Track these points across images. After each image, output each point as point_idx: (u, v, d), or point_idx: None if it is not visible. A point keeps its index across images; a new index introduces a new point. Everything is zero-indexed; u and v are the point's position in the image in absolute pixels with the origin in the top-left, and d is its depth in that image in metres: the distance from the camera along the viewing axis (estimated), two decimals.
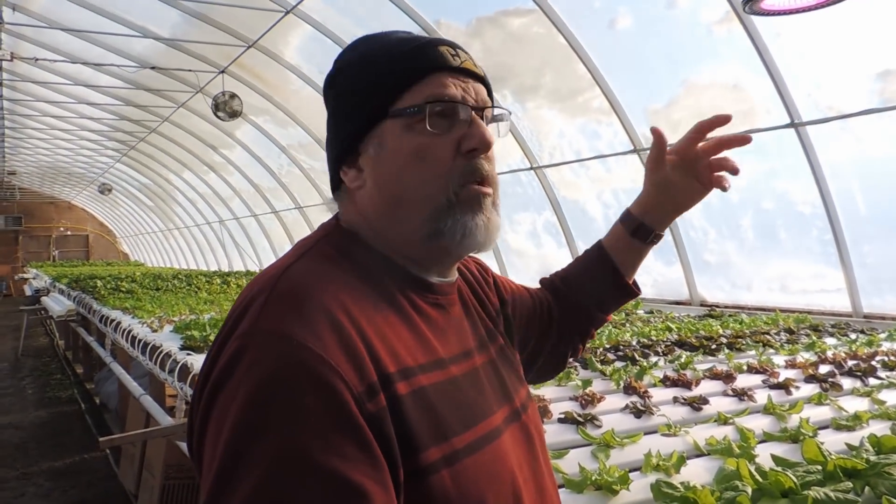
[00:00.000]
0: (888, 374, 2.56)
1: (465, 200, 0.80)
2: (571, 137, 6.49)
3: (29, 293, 13.57)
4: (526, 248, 7.82)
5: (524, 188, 7.14)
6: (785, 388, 2.33)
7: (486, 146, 0.81)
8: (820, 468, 1.40)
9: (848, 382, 2.43)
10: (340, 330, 0.68)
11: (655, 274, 5.80)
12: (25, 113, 13.32)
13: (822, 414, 2.05)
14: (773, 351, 3.09)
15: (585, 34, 5.41)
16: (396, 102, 0.80)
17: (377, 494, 0.62)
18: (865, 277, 4.37)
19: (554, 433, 1.84)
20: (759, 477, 1.35)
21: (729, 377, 2.42)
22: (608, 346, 3.10)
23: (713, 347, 3.08)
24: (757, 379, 2.47)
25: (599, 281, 1.13)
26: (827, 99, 4.36)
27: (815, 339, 3.36)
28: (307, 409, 0.63)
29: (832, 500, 1.25)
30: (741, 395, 2.23)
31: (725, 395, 2.27)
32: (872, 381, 2.47)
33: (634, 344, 3.17)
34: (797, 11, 2.53)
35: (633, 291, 1.15)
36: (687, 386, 2.34)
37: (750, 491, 1.31)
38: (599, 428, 1.88)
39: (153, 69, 9.15)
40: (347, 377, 0.65)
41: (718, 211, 5.48)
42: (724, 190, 1.05)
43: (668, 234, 1.13)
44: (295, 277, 0.74)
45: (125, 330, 4.67)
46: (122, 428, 5.27)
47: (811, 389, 2.34)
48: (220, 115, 8.19)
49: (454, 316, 0.87)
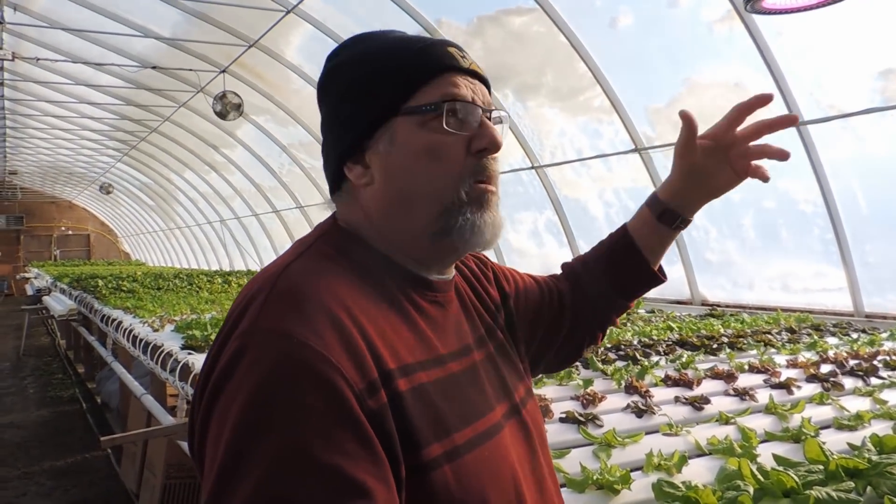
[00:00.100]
0: (890, 373, 2.56)
1: (474, 198, 0.81)
2: (572, 136, 6.48)
3: (30, 293, 13.58)
4: (527, 247, 7.82)
5: (525, 187, 7.14)
6: (786, 387, 2.32)
7: (496, 147, 0.82)
8: (822, 468, 1.40)
9: (849, 382, 2.43)
10: (341, 327, 0.68)
11: None
12: (27, 112, 13.33)
13: (823, 413, 2.05)
14: (774, 350, 3.09)
15: (586, 33, 5.41)
16: (409, 100, 0.80)
17: (379, 491, 0.63)
18: (867, 276, 4.37)
19: (555, 433, 1.84)
20: (760, 477, 1.35)
21: (730, 377, 2.42)
22: (609, 345, 3.10)
23: (714, 347, 3.08)
24: (758, 378, 2.46)
25: (622, 265, 1.08)
26: (828, 98, 4.36)
27: (816, 338, 3.36)
28: (308, 407, 0.63)
29: (834, 499, 1.24)
30: (743, 394, 2.23)
31: (727, 394, 2.27)
32: (874, 380, 2.47)
33: (636, 343, 3.17)
34: (798, 10, 2.52)
35: (657, 278, 1.10)
36: (688, 385, 2.34)
37: (752, 491, 1.31)
38: (601, 427, 1.88)
39: (154, 69, 9.16)
40: (348, 374, 0.65)
41: (720, 210, 5.47)
42: (765, 180, 0.99)
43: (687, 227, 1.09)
44: (294, 276, 0.74)
45: (126, 329, 4.67)
46: (123, 427, 5.27)
47: (813, 389, 2.34)
48: (221, 114, 8.19)
49: (452, 313, 0.87)
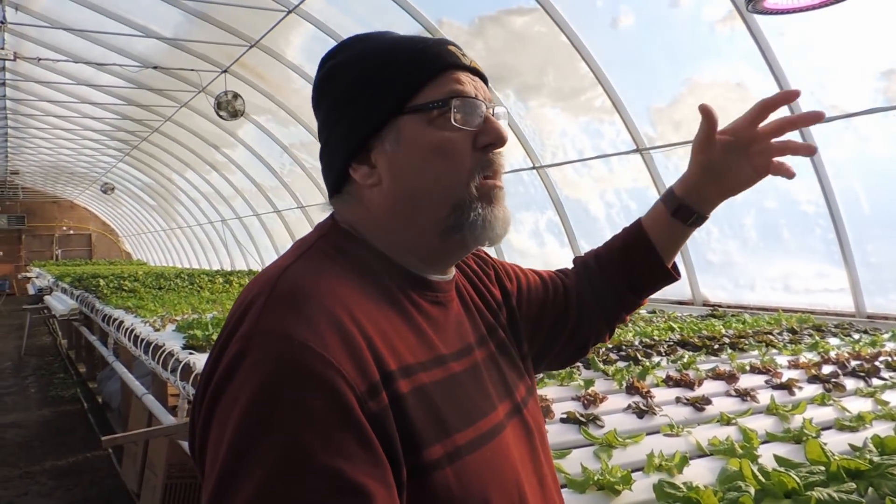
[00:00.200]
0: (891, 374, 2.56)
1: (483, 194, 0.81)
2: (574, 137, 6.48)
3: (32, 292, 13.58)
4: (528, 247, 7.81)
5: (526, 188, 7.14)
6: (788, 388, 2.32)
7: (502, 141, 0.82)
8: (823, 469, 1.40)
9: (851, 383, 2.43)
10: (341, 329, 0.68)
11: None
12: (28, 112, 13.35)
13: (825, 414, 2.04)
14: (776, 351, 3.09)
15: (588, 33, 5.41)
16: (414, 98, 0.80)
17: (379, 494, 0.63)
18: (869, 277, 4.37)
19: (556, 433, 1.84)
20: (761, 477, 1.35)
21: (732, 377, 2.42)
22: (611, 345, 3.10)
23: (716, 347, 3.08)
24: (760, 379, 2.46)
25: (635, 261, 1.06)
26: (830, 98, 4.35)
27: (818, 339, 3.36)
28: (309, 409, 0.62)
29: (835, 500, 1.24)
30: (744, 395, 2.22)
31: (728, 395, 2.27)
32: (876, 381, 2.47)
33: (637, 344, 3.17)
34: (800, 10, 2.52)
35: (671, 275, 1.07)
36: (689, 386, 2.34)
37: (753, 491, 1.30)
38: (602, 428, 1.88)
39: (155, 69, 9.17)
40: (349, 376, 0.65)
41: (721, 210, 5.36)
42: (789, 177, 0.97)
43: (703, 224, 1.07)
44: (294, 277, 0.74)
45: (128, 329, 4.68)
46: (124, 427, 5.28)
47: (814, 390, 2.33)
48: (222, 114, 8.20)
49: (453, 312, 0.87)
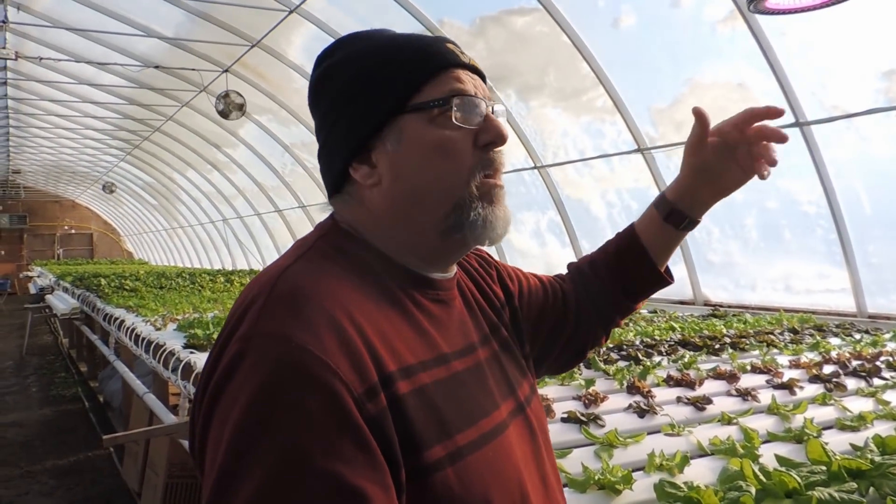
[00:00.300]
0: (893, 374, 2.55)
1: (484, 193, 0.81)
2: (575, 136, 6.48)
3: (33, 291, 13.59)
4: (529, 247, 7.81)
5: (528, 188, 7.14)
6: (789, 388, 2.32)
7: (502, 139, 0.82)
8: (824, 468, 1.40)
9: (852, 383, 2.43)
10: (340, 331, 0.68)
11: None
12: (30, 112, 13.36)
13: (826, 414, 2.04)
14: (777, 351, 3.08)
15: (589, 33, 5.40)
16: (415, 97, 0.80)
17: (378, 497, 0.62)
18: (870, 277, 4.36)
19: (557, 433, 1.84)
20: (762, 477, 1.35)
21: (733, 377, 2.41)
22: (611, 345, 3.10)
23: (717, 347, 3.08)
24: (761, 379, 2.46)
25: (629, 266, 1.07)
26: (832, 98, 4.35)
27: (819, 339, 3.35)
28: (308, 411, 0.62)
29: (836, 500, 1.24)
30: (745, 395, 2.22)
31: (729, 394, 2.26)
32: (877, 381, 2.46)
33: (638, 343, 3.17)
34: (802, 10, 2.51)
35: (664, 279, 1.09)
36: (690, 386, 2.33)
37: (754, 491, 1.30)
38: (603, 427, 1.88)
39: (157, 68, 9.17)
40: (348, 379, 0.65)
41: (722, 210, 5.46)
42: (763, 178, 1.01)
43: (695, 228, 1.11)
44: (293, 278, 0.74)
45: (129, 328, 4.68)
46: (125, 426, 5.28)
47: (815, 389, 2.33)
48: (223, 114, 8.20)
49: (456, 310, 0.87)
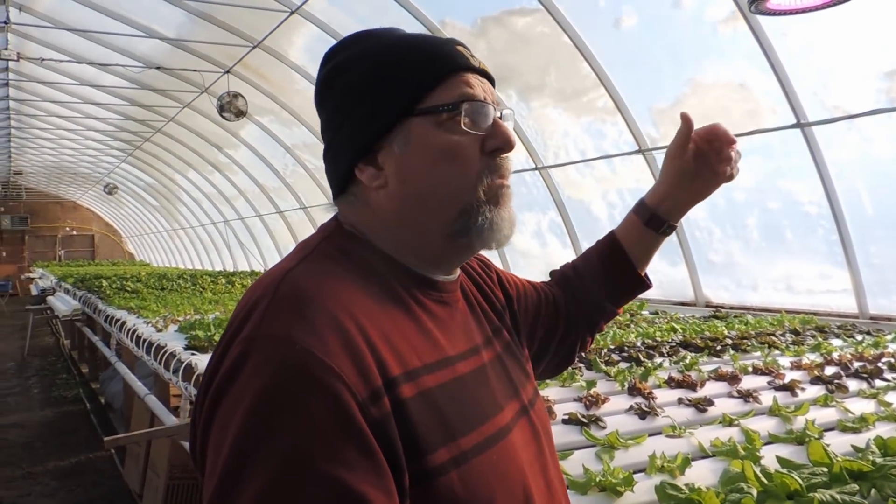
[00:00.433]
0: (894, 375, 2.55)
1: (491, 196, 0.81)
2: (576, 137, 6.47)
3: (35, 293, 13.61)
4: (531, 248, 7.81)
5: (529, 188, 7.13)
6: (790, 389, 2.32)
7: (510, 146, 0.83)
8: (826, 470, 1.40)
9: (854, 384, 2.42)
10: (344, 334, 0.68)
11: (660, 274, 5.77)
12: (31, 113, 13.36)
13: (827, 416, 2.04)
14: (778, 352, 3.08)
15: (590, 34, 5.40)
16: (424, 100, 0.79)
17: (380, 502, 0.62)
18: (872, 278, 4.35)
19: (558, 434, 1.84)
20: (764, 479, 1.35)
21: (734, 378, 2.41)
22: (613, 346, 3.09)
23: (718, 348, 3.07)
24: (762, 380, 2.46)
25: (610, 272, 1.11)
26: (833, 99, 4.34)
27: (820, 340, 3.35)
28: (311, 414, 0.62)
29: (838, 502, 1.24)
30: (746, 396, 2.22)
31: (730, 396, 2.26)
32: (879, 382, 2.46)
33: (639, 345, 3.16)
34: (803, 11, 2.51)
35: (644, 283, 1.13)
36: (692, 387, 2.33)
37: (755, 493, 1.30)
38: (604, 429, 1.88)
39: (158, 69, 9.18)
40: (351, 382, 0.65)
41: (723, 211, 5.46)
42: (731, 178, 1.08)
43: (672, 234, 1.17)
44: (297, 280, 0.73)
45: (130, 329, 4.68)
46: (126, 428, 5.28)
47: (817, 391, 2.33)
48: (225, 115, 8.20)
49: (459, 312, 0.87)
